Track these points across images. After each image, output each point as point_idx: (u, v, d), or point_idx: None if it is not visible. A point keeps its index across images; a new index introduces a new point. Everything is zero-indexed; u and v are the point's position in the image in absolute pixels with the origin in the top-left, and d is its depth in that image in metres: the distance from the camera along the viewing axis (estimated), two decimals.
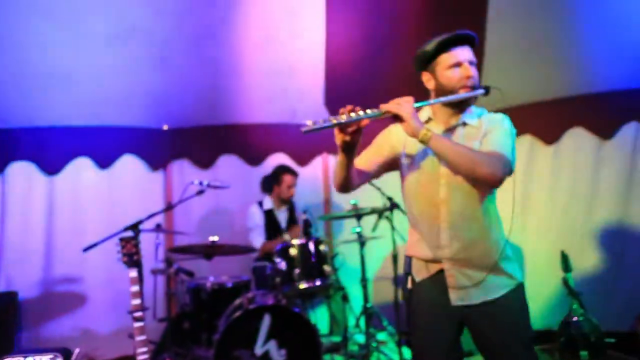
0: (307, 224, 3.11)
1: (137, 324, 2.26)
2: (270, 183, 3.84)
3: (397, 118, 1.64)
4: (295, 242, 3.04)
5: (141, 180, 4.12)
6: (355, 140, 1.66)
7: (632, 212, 3.65)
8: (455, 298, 1.72)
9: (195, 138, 4.24)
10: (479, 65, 3.69)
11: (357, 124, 1.62)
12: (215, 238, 2.91)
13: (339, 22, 3.53)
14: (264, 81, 3.92)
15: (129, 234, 2.55)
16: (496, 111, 1.82)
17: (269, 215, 3.80)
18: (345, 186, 1.79)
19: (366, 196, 3.46)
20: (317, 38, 3.68)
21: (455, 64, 1.73)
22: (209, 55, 3.71)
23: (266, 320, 2.88)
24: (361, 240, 3.35)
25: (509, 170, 1.64)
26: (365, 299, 3.35)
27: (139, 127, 4.08)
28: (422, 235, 1.77)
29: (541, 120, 3.92)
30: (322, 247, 3.08)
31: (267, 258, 3.44)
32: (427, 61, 1.78)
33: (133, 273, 2.29)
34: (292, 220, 3.77)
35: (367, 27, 3.52)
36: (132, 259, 2.31)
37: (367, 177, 1.84)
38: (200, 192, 3.00)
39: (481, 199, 1.72)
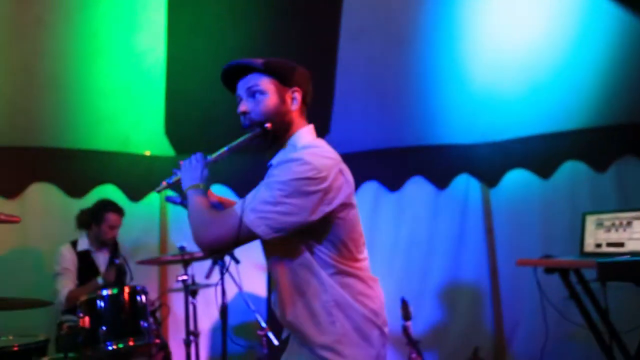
0: (121, 271, 2.61)
1: None
2: (88, 219, 3.23)
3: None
4: (104, 293, 2.52)
5: None
6: None
7: (462, 259, 3.87)
8: None
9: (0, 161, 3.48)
10: (327, 108, 3.72)
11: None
12: None
13: (182, 43, 3.21)
14: (92, 101, 3.39)
15: None
16: (344, 155, 1.49)
17: (84, 258, 3.18)
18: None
19: None
20: (156, 58, 3.30)
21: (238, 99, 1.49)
22: (20, 63, 3.10)
23: None
24: (189, 290, 2.94)
25: (234, 235, 1.29)
26: (189, 357, 2.91)
27: None
28: None
29: (386, 167, 4.00)
30: (139, 299, 2.59)
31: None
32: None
33: None
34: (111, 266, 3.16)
35: (211, 52, 3.25)
36: None
37: None
38: None
39: (301, 267, 1.38)
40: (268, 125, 1.42)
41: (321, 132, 4.14)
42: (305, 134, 1.49)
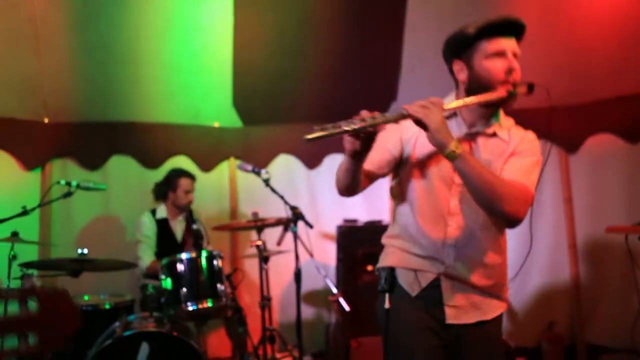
0: (198, 236, 2.71)
1: None
2: (164, 189, 3.39)
3: (420, 124, 1.39)
4: (183, 256, 2.64)
5: (14, 181, 3.51)
6: (368, 148, 1.39)
7: (537, 230, 3.70)
8: (451, 315, 1.53)
9: (83, 135, 3.69)
10: (394, 73, 3.61)
11: (373, 129, 1.34)
12: (85, 251, 2.44)
13: (248, 15, 3.21)
14: (163, 75, 3.50)
15: None
16: None
17: (163, 226, 3.34)
18: (351, 192, 1.54)
19: (269, 205, 3.15)
20: (224, 31, 3.33)
21: (497, 53, 1.46)
22: (98, 40, 3.24)
23: (144, 349, 2.44)
24: (262, 255, 3.01)
25: (529, 208, 1.45)
26: (264, 320, 3.01)
27: (11, 119, 3.46)
28: (418, 245, 1.56)
29: None
30: (215, 263, 2.70)
31: (156, 274, 2.98)
32: (463, 47, 1.50)
33: None
34: (189, 232, 3.32)
35: (277, 22, 3.24)
36: None
37: (376, 177, 1.60)
38: (68, 195, 2.51)
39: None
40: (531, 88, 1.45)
41: (387, 99, 4.04)
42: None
